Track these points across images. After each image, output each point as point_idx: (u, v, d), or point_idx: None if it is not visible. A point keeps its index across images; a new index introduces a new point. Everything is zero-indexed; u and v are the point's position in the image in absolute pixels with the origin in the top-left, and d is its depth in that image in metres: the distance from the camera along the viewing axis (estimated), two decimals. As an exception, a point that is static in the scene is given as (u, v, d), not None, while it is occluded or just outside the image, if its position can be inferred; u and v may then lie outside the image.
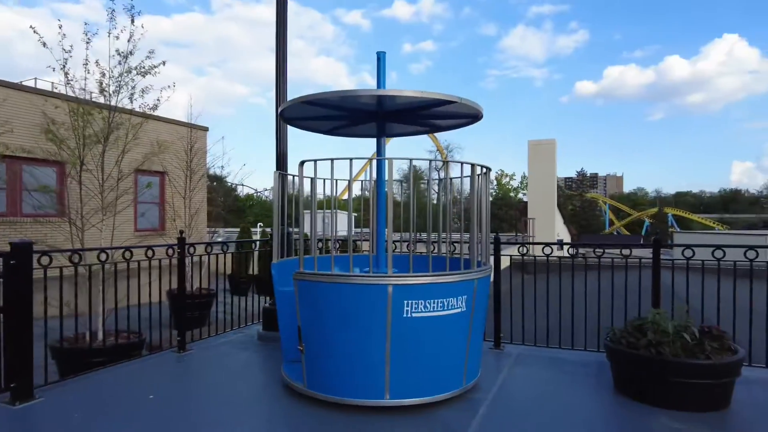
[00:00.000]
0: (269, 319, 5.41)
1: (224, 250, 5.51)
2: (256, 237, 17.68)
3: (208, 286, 9.87)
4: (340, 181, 5.02)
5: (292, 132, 5.54)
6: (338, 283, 3.30)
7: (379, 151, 4.23)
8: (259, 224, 25.64)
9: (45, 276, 3.77)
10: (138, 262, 4.73)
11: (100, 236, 6.15)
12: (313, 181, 3.60)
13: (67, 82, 6.10)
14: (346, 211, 3.59)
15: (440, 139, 61.00)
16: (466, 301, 3.51)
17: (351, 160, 3.26)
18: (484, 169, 3.78)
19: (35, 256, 3.64)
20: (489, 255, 3.91)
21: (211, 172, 18.93)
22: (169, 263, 4.97)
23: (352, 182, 3.38)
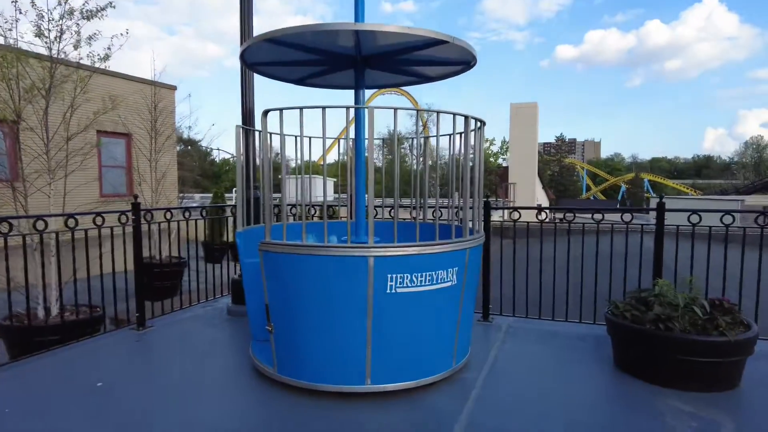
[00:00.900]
0: (238, 291, 4.95)
1: (186, 216, 4.98)
2: (232, 203, 17.03)
3: (179, 254, 9.31)
4: (314, 140, 4.51)
5: (265, 88, 4.95)
6: (311, 255, 2.84)
7: (358, 104, 3.70)
8: (234, 189, 24.88)
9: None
10: (99, 229, 4.16)
11: (49, 202, 5.52)
12: (281, 138, 3.08)
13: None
14: (321, 175, 3.09)
15: (419, 102, 59.97)
16: (457, 274, 3.09)
17: (324, 108, 2.75)
18: (479, 123, 3.31)
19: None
20: (481, 221, 3.49)
21: (180, 133, 18.00)
22: (125, 230, 4.43)
23: (325, 136, 2.88)
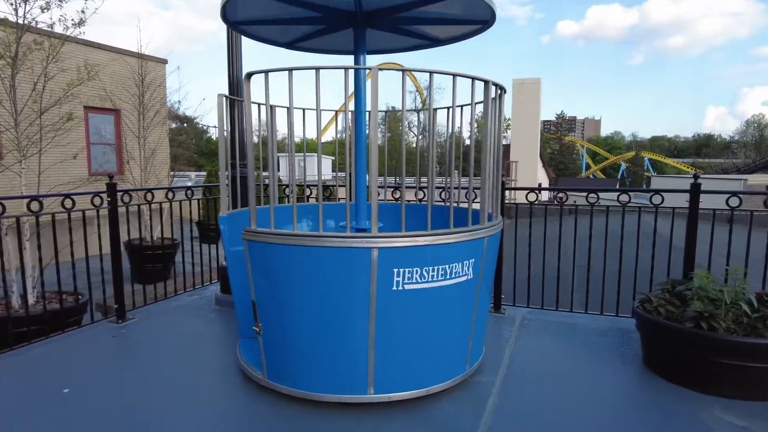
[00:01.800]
0: (225, 279, 4.54)
1: (170, 198, 4.53)
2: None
3: (172, 234, 8.87)
4: (309, 113, 4.03)
5: (258, 57, 4.44)
6: (303, 245, 2.41)
7: (358, 71, 3.22)
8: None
9: None
10: (68, 213, 3.72)
11: (21, 182, 5.06)
12: (267, 107, 2.62)
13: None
14: (319, 154, 2.64)
15: (419, 78, 58.89)
16: (474, 266, 2.67)
17: (318, 69, 2.28)
18: (500, 90, 2.84)
19: None
20: (498, 204, 3.05)
21: (176, 109, 17.40)
22: (112, 211, 3.99)
23: (320, 104, 2.41)
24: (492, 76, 2.65)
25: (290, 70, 2.31)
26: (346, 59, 4.00)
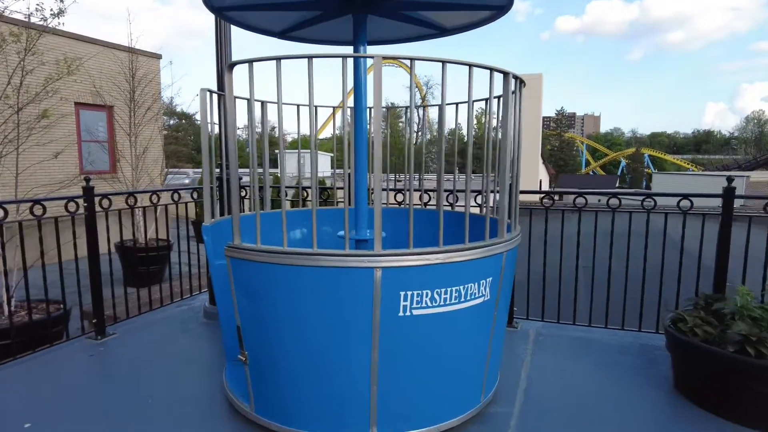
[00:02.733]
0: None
1: (154, 202, 4.18)
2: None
3: (167, 235, 8.52)
4: (303, 108, 3.69)
5: (252, 47, 4.08)
6: (295, 265, 2.07)
7: (358, 62, 2.87)
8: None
9: None
10: (38, 222, 3.37)
11: (-5, 183, 4.71)
12: (251, 102, 2.28)
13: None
14: (313, 154, 2.31)
15: (419, 75, 58.48)
16: (491, 285, 2.34)
17: (310, 58, 1.94)
18: (520, 83, 2.50)
19: None
20: (517, 212, 2.71)
21: (174, 106, 17.01)
22: (89, 218, 3.64)
23: (312, 100, 2.07)
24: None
25: (278, 59, 1.97)
26: (344, 50, 3.65)
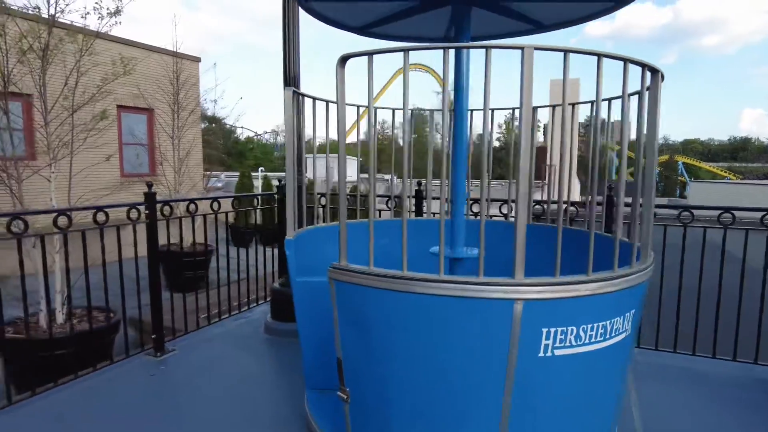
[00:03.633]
0: (280, 305, 3.94)
1: (215, 209, 3.96)
2: (257, 183, 16.08)
3: (205, 239, 8.37)
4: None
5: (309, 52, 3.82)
6: (418, 293, 1.76)
7: (460, 59, 2.56)
8: (260, 168, 23.96)
9: None
10: (100, 230, 3.16)
11: (50, 188, 4.56)
12: (370, 103, 1.98)
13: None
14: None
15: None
16: (633, 319, 1.98)
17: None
18: (659, 77, 2.14)
19: None
20: (651, 231, 2.34)
21: (205, 109, 17.05)
22: (150, 227, 3.42)
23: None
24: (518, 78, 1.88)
25: (406, 50, 1.66)
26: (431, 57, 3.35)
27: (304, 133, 3.20)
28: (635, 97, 2.09)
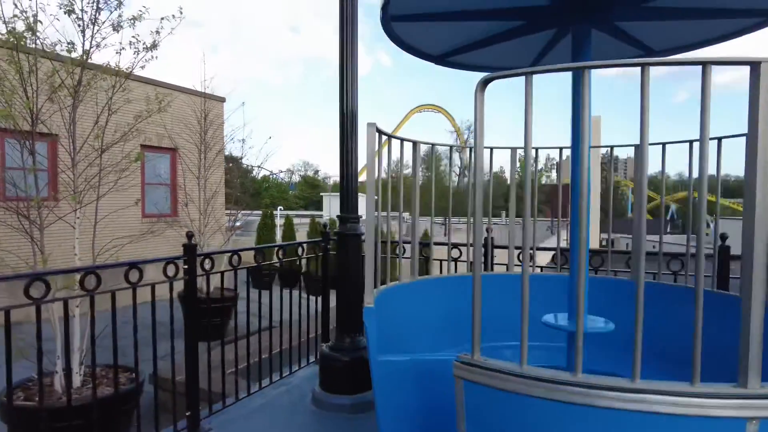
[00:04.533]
0: (331, 373, 3.40)
1: (259, 261, 3.49)
2: (278, 222, 15.71)
3: (222, 283, 7.88)
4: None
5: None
6: (601, 407, 1.23)
7: (578, 87, 2.12)
8: (279, 207, 23.70)
9: None
10: (134, 291, 2.69)
11: (74, 234, 4.14)
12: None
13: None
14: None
15: (457, 119, 58.45)
16: None
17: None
18: None
19: None
20: None
21: (228, 149, 16.96)
22: (190, 285, 2.95)
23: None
24: (535, 117, 1.44)
25: (555, 71, 1.21)
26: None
27: (386, 176, 2.74)
28: None
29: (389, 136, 2.48)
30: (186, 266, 2.93)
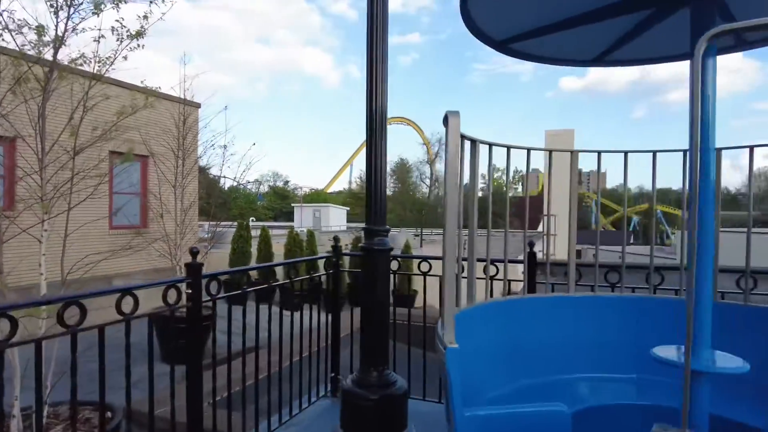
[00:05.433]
0: (355, 412, 2.89)
1: (270, 282, 2.97)
2: (254, 234, 14.93)
3: (230, 309, 7.22)
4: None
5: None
6: None
7: (705, 85, 1.74)
8: (251, 219, 22.86)
9: None
10: (127, 323, 2.14)
11: (40, 251, 3.51)
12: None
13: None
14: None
15: (427, 132, 58.43)
16: None
17: None
18: None
19: None
20: None
21: (208, 156, 16.12)
22: (193, 312, 2.40)
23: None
24: (501, 130, 1.36)
25: None
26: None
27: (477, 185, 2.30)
28: None
29: (489, 144, 2.05)
30: (189, 290, 2.40)
